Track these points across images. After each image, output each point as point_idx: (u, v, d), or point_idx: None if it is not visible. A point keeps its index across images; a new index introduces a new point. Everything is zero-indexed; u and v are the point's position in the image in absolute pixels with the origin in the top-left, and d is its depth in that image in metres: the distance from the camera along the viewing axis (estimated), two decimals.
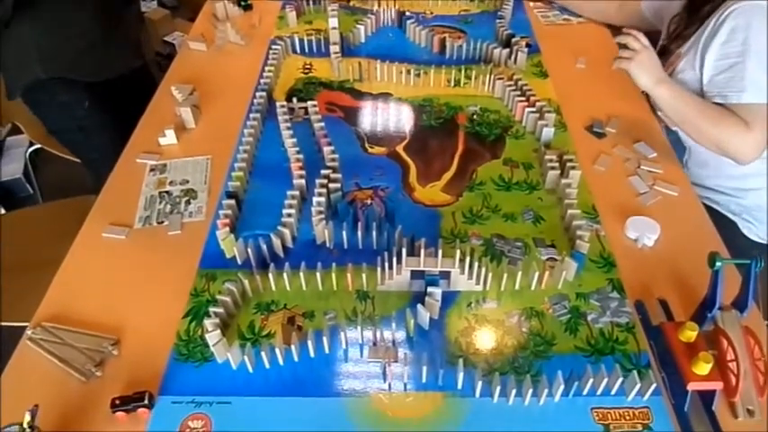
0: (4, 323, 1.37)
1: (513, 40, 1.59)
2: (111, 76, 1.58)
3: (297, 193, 1.15)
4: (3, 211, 2.21)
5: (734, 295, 0.92)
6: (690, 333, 0.86)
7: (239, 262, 1.06)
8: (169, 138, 1.33)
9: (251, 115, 1.34)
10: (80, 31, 1.38)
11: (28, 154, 2.35)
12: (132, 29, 1.66)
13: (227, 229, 1.07)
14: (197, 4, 1.95)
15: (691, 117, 1.24)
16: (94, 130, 1.56)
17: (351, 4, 1.87)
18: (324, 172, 1.18)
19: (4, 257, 1.51)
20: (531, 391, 0.86)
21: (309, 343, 0.91)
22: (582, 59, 1.60)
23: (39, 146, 2.08)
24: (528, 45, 1.65)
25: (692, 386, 0.83)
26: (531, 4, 1.87)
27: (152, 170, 1.27)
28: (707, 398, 0.85)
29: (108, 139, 1.54)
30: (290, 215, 1.11)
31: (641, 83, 1.27)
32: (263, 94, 1.41)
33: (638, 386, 0.85)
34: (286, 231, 1.08)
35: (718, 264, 0.88)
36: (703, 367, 0.81)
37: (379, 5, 1.76)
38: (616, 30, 1.69)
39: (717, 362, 0.84)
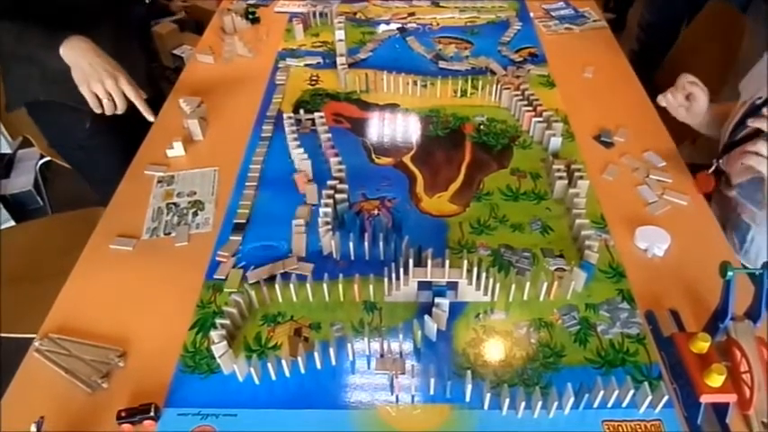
0: (12, 335, 1.37)
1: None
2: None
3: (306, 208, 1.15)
4: (13, 223, 2.23)
5: (747, 305, 0.90)
6: (702, 344, 0.84)
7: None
8: (177, 150, 1.34)
9: (263, 127, 1.34)
10: None
11: (38, 167, 2.37)
12: (140, 62, 1.64)
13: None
14: (205, 18, 1.97)
15: None
16: (95, 150, 1.54)
17: (357, 16, 1.88)
18: (330, 183, 1.18)
19: (14, 269, 1.52)
20: (540, 403, 0.85)
21: (316, 355, 0.91)
22: (589, 69, 1.59)
23: (49, 158, 2.11)
24: (534, 55, 1.66)
25: (704, 398, 0.81)
26: (533, 14, 1.87)
27: (159, 182, 1.28)
28: (720, 410, 0.83)
29: (109, 158, 1.53)
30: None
31: None
32: (271, 106, 1.41)
33: (650, 398, 0.84)
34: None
35: (729, 273, 0.87)
36: (716, 379, 0.80)
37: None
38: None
39: (730, 373, 0.82)
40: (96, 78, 1.16)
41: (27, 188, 2.40)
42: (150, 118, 1.24)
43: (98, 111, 1.20)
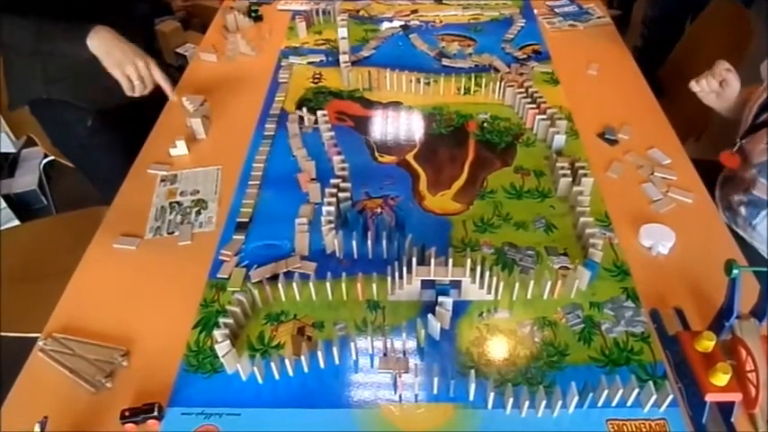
0: (16, 334, 1.37)
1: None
2: (114, 104, 1.56)
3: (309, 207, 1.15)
4: (18, 222, 2.23)
5: (752, 304, 0.90)
6: (707, 343, 0.84)
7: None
8: (180, 148, 1.34)
9: (266, 126, 1.34)
10: (88, 59, 1.35)
11: (42, 166, 2.38)
12: None
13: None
14: (208, 17, 1.97)
15: None
16: (96, 149, 1.54)
17: (360, 13, 1.88)
18: (333, 181, 1.18)
19: (18, 268, 1.53)
20: (544, 402, 0.84)
21: (319, 353, 0.90)
22: (594, 66, 1.59)
23: (52, 158, 2.11)
24: (538, 52, 1.65)
25: (710, 397, 0.80)
26: (536, 11, 1.87)
27: (163, 181, 1.28)
28: (725, 409, 0.82)
29: (111, 157, 1.53)
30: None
31: None
32: (274, 104, 1.41)
33: (655, 397, 0.83)
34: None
35: (735, 271, 0.86)
36: (721, 378, 0.79)
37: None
38: None
39: (735, 372, 0.82)
40: (130, 62, 1.24)
41: (31, 187, 2.41)
42: (173, 98, 1.35)
43: (130, 93, 1.27)
